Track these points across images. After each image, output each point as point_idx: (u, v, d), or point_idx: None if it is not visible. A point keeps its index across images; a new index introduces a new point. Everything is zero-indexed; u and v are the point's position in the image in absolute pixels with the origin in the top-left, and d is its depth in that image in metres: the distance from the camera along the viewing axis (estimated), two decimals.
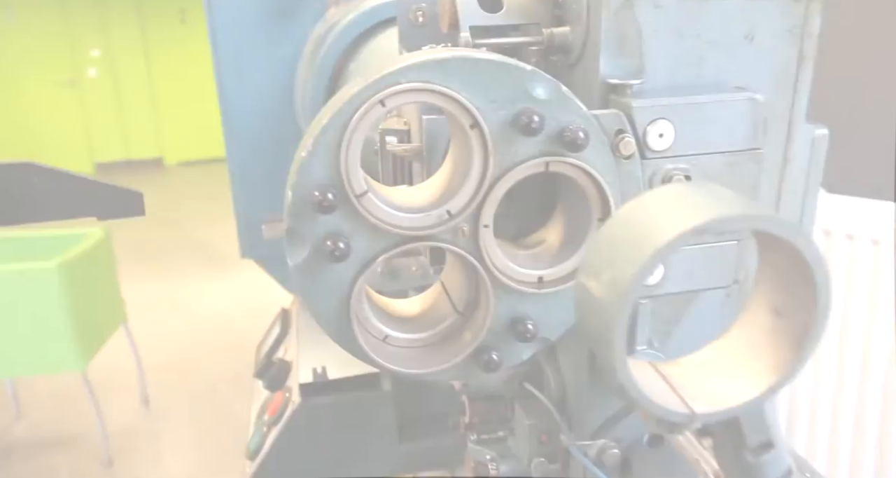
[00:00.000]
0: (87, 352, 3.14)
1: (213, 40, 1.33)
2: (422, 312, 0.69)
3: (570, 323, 0.64)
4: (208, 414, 3.72)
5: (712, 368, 0.44)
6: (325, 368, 1.06)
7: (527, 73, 0.56)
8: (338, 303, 0.59)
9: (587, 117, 0.58)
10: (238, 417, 3.65)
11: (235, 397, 3.84)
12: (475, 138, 0.57)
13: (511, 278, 0.61)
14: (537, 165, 0.58)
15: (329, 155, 0.55)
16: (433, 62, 0.54)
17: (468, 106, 0.55)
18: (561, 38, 0.68)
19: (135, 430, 3.63)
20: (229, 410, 3.73)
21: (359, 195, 0.56)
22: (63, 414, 3.78)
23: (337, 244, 0.55)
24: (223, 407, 3.76)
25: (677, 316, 0.71)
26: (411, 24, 0.88)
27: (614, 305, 0.38)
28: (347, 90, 0.56)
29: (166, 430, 3.59)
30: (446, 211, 0.58)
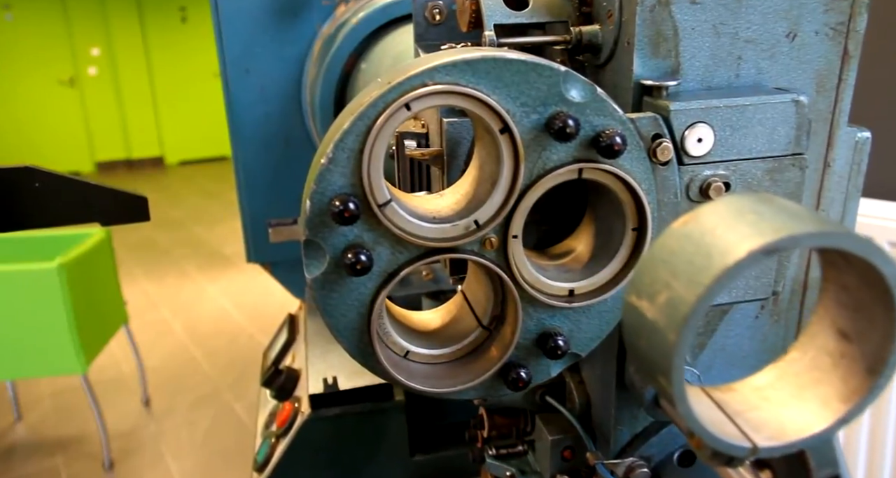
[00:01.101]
0: (88, 354, 3.10)
1: (219, 40, 1.29)
2: (443, 325, 0.65)
3: (602, 338, 0.61)
4: (210, 416, 3.69)
5: (771, 394, 0.41)
6: (335, 378, 1.02)
7: (561, 74, 0.53)
8: (358, 318, 0.56)
9: (624, 121, 0.55)
10: (240, 418, 3.62)
11: (237, 398, 3.82)
12: (505, 144, 0.53)
13: (541, 292, 0.58)
14: (570, 172, 0.55)
15: (350, 162, 0.52)
16: (462, 62, 0.51)
17: (499, 109, 0.52)
18: (590, 37, 0.65)
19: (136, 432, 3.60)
20: (231, 411, 3.70)
21: (381, 205, 0.53)
22: (63, 416, 3.74)
23: (358, 257, 0.52)
24: (225, 409, 3.74)
25: (710, 328, 0.68)
26: (427, 22, 0.85)
27: (673, 331, 0.34)
28: (369, 92, 0.52)
29: (168, 432, 3.56)
30: (474, 221, 0.55)
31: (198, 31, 8.96)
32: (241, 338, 4.57)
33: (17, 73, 8.47)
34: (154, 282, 5.48)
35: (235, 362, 4.26)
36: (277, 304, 4.74)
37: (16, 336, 3.05)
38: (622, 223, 0.59)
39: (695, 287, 0.34)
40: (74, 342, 3.02)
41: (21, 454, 3.48)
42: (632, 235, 0.58)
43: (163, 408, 3.79)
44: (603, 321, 0.60)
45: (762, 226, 0.34)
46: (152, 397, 3.87)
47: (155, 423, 3.68)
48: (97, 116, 8.91)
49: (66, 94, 8.73)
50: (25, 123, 8.61)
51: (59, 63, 8.62)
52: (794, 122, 0.58)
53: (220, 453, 3.41)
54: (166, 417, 3.70)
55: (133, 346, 3.67)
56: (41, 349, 3.08)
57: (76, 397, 3.79)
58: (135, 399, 3.85)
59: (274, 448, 1.04)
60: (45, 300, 2.96)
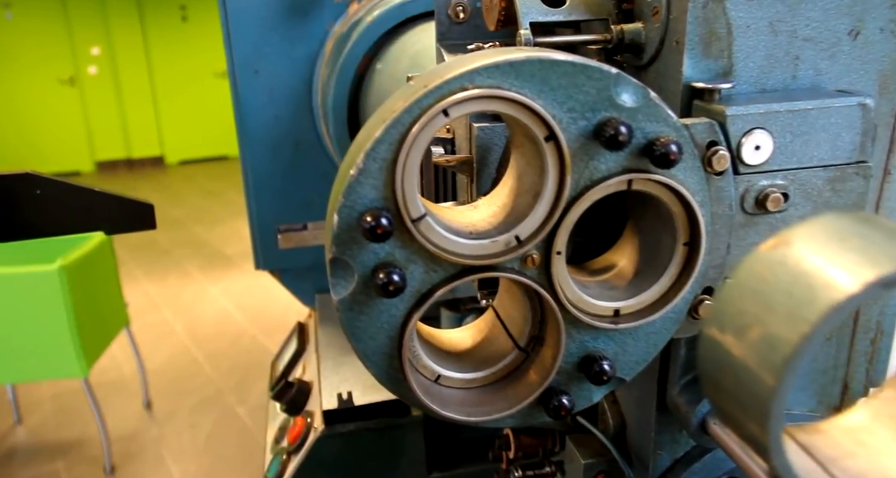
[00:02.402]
0: (89, 357, 3.06)
1: (227, 40, 1.25)
2: (475, 345, 0.61)
3: (649, 361, 0.57)
4: (212, 419, 3.64)
5: (867, 438, 0.36)
6: (350, 393, 0.98)
7: (612, 76, 0.48)
8: (387, 342, 0.51)
9: (678, 128, 0.50)
10: (243, 422, 3.58)
11: (240, 401, 3.78)
12: (550, 153, 0.49)
13: (584, 312, 0.54)
14: (619, 184, 0.51)
15: (382, 173, 0.47)
16: (506, 64, 0.46)
17: (545, 116, 0.47)
18: (632, 36, 0.60)
19: (137, 435, 3.55)
20: (234, 415, 3.65)
21: (416, 220, 0.48)
22: (64, 419, 3.70)
23: (390, 277, 0.47)
24: (228, 412, 3.69)
25: None
26: (450, 20, 0.81)
27: (771, 374, 0.30)
28: (402, 97, 0.48)
29: (170, 435, 3.51)
30: (514, 237, 0.50)
31: (198, 30, 8.90)
32: (244, 340, 4.52)
33: (17, 72, 8.42)
34: (155, 283, 5.43)
35: (238, 365, 4.21)
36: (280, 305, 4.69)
37: (16, 339, 3.00)
38: (671, 237, 0.54)
39: (797, 324, 0.29)
40: (75, 345, 2.98)
41: (21, 458, 3.44)
42: (682, 250, 0.54)
43: (164, 411, 3.75)
44: (650, 343, 0.55)
45: (873, 253, 0.30)
46: (154, 399, 3.83)
47: (156, 426, 3.63)
48: (97, 116, 8.85)
49: (66, 94, 8.67)
50: (25, 122, 8.55)
51: (59, 62, 8.57)
52: (860, 127, 0.54)
53: (222, 457, 3.37)
54: (168, 420, 3.66)
55: (134, 348, 3.63)
56: (42, 352, 3.04)
57: (77, 400, 3.75)
58: (136, 402, 3.81)
59: (286, 465, 1.00)
60: (45, 303, 2.92)
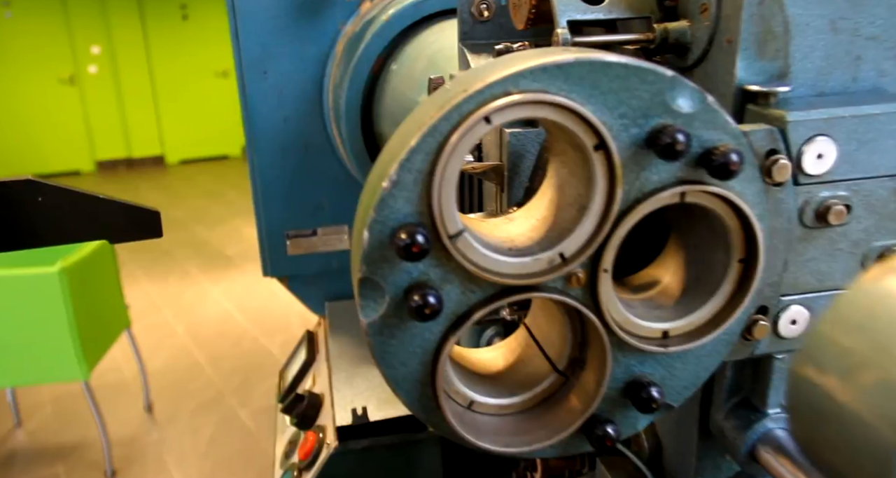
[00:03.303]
0: (90, 360, 3.02)
1: (235, 39, 1.20)
2: (509, 367, 0.57)
3: (699, 386, 0.53)
4: (214, 422, 3.61)
5: None
6: (365, 408, 0.94)
7: (667, 79, 0.44)
8: (420, 368, 0.47)
9: (737, 135, 0.46)
10: (245, 425, 3.54)
11: (242, 404, 3.74)
12: (599, 163, 0.45)
13: (631, 334, 0.49)
14: (672, 196, 0.46)
15: (417, 186, 0.43)
16: (553, 66, 0.42)
17: (595, 123, 0.43)
18: (676, 35, 0.56)
19: (138, 439, 3.52)
20: (236, 417, 3.62)
21: (453, 236, 0.44)
22: (64, 422, 3.66)
23: (426, 299, 0.43)
24: (229, 415, 3.65)
25: None
26: (474, 19, 0.77)
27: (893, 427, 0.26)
28: (439, 103, 0.43)
29: (171, 439, 3.48)
30: (559, 254, 0.46)
31: (199, 29, 8.86)
32: (245, 341, 4.49)
33: (17, 71, 8.37)
34: (156, 283, 5.39)
35: (239, 366, 4.18)
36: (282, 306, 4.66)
37: (16, 342, 2.97)
38: (724, 253, 0.50)
39: None
40: (76, 348, 2.94)
41: (21, 462, 3.40)
42: (737, 267, 0.50)
43: (166, 414, 3.71)
44: (700, 367, 0.51)
45: None
46: (155, 402, 3.79)
47: (157, 430, 3.60)
48: (97, 115, 8.81)
49: (67, 93, 8.63)
50: (25, 122, 8.51)
51: (59, 61, 8.52)
52: None
53: (224, 461, 3.34)
54: (169, 423, 3.62)
55: (135, 350, 3.59)
56: (42, 356, 3.00)
57: (77, 403, 3.71)
58: (137, 405, 3.77)
59: None
60: (45, 306, 2.88)
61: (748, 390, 0.58)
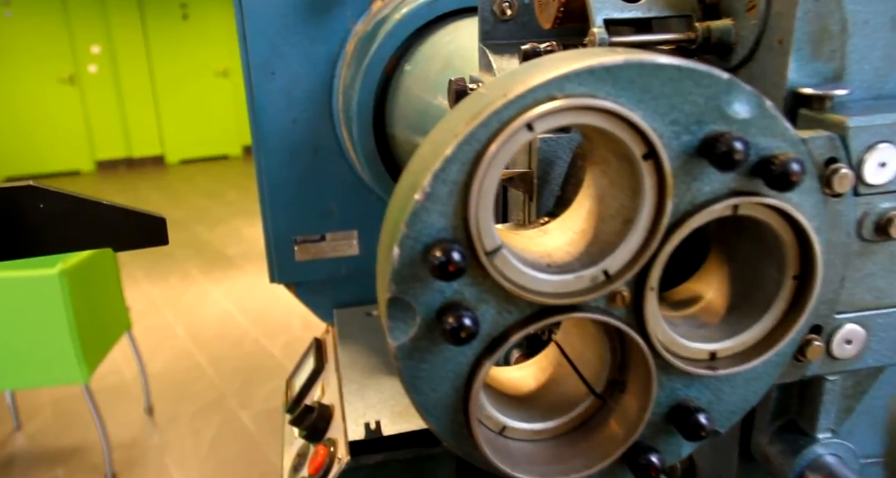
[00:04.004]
0: (90, 363, 2.99)
1: (243, 39, 1.16)
2: (540, 388, 0.53)
3: (747, 410, 0.49)
4: (215, 425, 3.58)
5: None
6: (378, 422, 0.90)
7: (723, 83, 0.41)
8: (452, 394, 0.44)
9: (796, 143, 0.43)
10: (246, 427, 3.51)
11: (243, 406, 3.72)
12: (648, 173, 0.41)
13: (677, 355, 0.46)
14: (724, 209, 0.43)
15: (452, 198, 0.39)
16: (601, 69, 0.39)
17: (646, 130, 0.40)
18: (720, 35, 0.53)
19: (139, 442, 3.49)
20: (237, 420, 3.59)
21: (490, 252, 0.41)
22: (64, 425, 3.63)
23: (461, 321, 0.40)
24: (231, 417, 3.63)
25: (860, 390, 0.56)
26: (495, 17, 0.73)
27: None
28: (474, 108, 0.40)
29: (172, 442, 3.45)
30: (602, 271, 0.43)
31: (199, 29, 8.84)
32: (246, 342, 4.46)
33: (17, 71, 8.34)
34: (156, 284, 5.36)
35: (241, 368, 4.16)
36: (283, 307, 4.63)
37: (16, 345, 2.94)
38: (776, 268, 0.47)
39: None
40: (76, 351, 2.92)
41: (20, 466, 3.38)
42: (791, 284, 0.46)
43: (166, 416, 3.68)
44: (749, 391, 0.48)
45: None
46: (155, 404, 3.76)
47: (158, 432, 3.57)
48: (97, 115, 8.78)
49: (66, 93, 8.60)
50: (25, 121, 8.48)
51: (59, 61, 8.49)
52: None
53: (226, 464, 3.31)
54: (170, 426, 3.59)
55: (135, 351, 3.56)
56: (42, 358, 2.98)
57: (77, 405, 3.69)
58: (137, 407, 3.74)
59: None
60: (45, 308, 2.86)
61: (795, 412, 0.55)
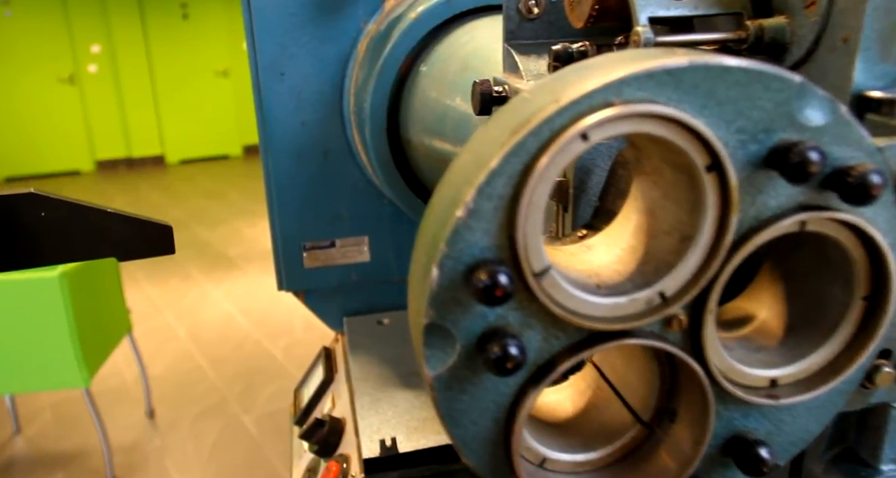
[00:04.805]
0: (91, 367, 2.96)
1: (251, 39, 1.12)
2: (579, 414, 0.50)
3: (809, 441, 0.45)
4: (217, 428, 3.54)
5: None
6: (394, 439, 0.86)
7: (795, 87, 0.37)
8: (492, 427, 0.40)
9: (873, 152, 0.39)
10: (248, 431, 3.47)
11: (245, 410, 3.68)
12: (711, 186, 0.37)
13: (735, 383, 0.42)
14: (791, 225, 0.39)
15: (498, 215, 0.36)
16: (662, 72, 0.35)
17: (711, 139, 0.36)
18: (773, 33, 0.49)
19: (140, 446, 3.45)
20: (239, 424, 3.56)
21: (539, 274, 0.37)
22: (64, 428, 3.60)
23: (506, 350, 0.36)
24: (233, 421, 3.59)
25: None
26: (521, 16, 0.69)
27: None
28: (519, 115, 0.36)
29: (173, 446, 3.41)
30: (658, 294, 0.39)
31: (199, 29, 8.79)
32: (248, 344, 4.43)
33: (17, 70, 8.30)
34: (157, 285, 5.33)
35: (242, 371, 4.12)
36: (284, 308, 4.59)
37: (16, 348, 2.91)
38: (842, 288, 0.43)
39: None
40: (77, 354, 2.88)
41: (20, 470, 3.34)
42: (860, 305, 0.42)
43: (168, 420, 3.64)
44: (812, 420, 0.44)
45: None
46: (156, 407, 3.73)
47: (160, 436, 3.53)
48: (97, 115, 8.74)
49: (66, 92, 8.55)
50: (25, 121, 8.43)
51: (59, 60, 8.44)
52: None
53: (228, 469, 3.27)
54: (171, 429, 3.55)
55: (136, 354, 3.52)
56: (42, 362, 2.95)
57: (77, 408, 3.65)
58: (138, 410, 3.71)
59: None
60: (46, 311, 2.83)
61: (853, 440, 0.51)
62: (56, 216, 0.73)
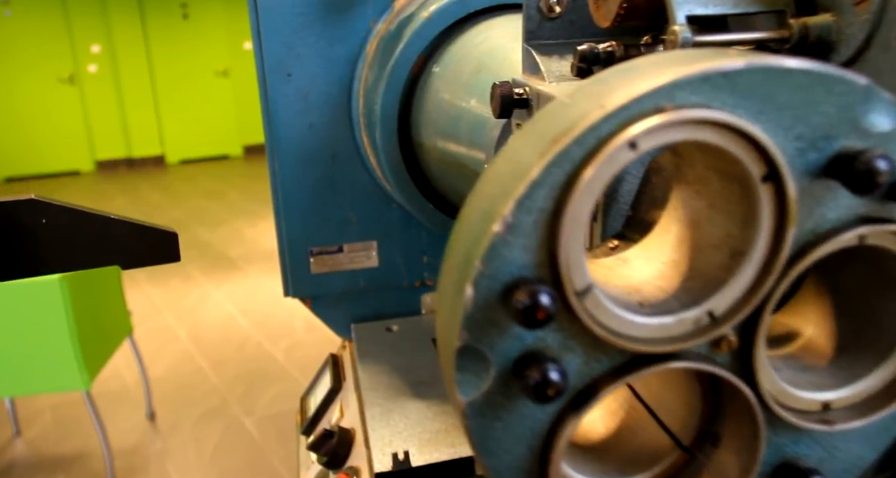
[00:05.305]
0: (91, 370, 2.94)
1: (257, 39, 1.09)
2: (612, 436, 0.47)
3: (865, 468, 0.42)
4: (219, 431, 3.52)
5: None
6: (407, 453, 0.83)
7: (860, 89, 0.34)
8: (528, 455, 0.37)
9: None
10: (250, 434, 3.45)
11: (247, 412, 3.66)
12: (766, 197, 0.35)
13: (786, 407, 0.39)
14: (850, 239, 0.37)
15: (538, 230, 0.33)
16: (717, 75, 0.32)
17: (770, 147, 0.33)
18: (819, 32, 0.46)
19: (141, 449, 3.43)
20: (241, 426, 3.53)
21: (581, 292, 0.34)
22: (64, 431, 3.58)
23: (547, 375, 0.33)
24: (234, 423, 3.57)
25: None
26: (542, 15, 0.66)
27: None
28: (562, 121, 0.33)
29: (174, 449, 3.39)
30: (707, 313, 0.36)
31: (199, 28, 8.77)
32: (249, 346, 4.41)
33: (16, 70, 8.27)
34: (157, 286, 5.30)
35: (243, 373, 4.10)
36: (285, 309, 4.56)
37: (16, 351, 2.89)
38: None
39: None
40: (77, 357, 2.87)
41: (20, 473, 3.32)
42: None
43: (169, 423, 3.62)
44: (867, 446, 0.41)
45: None
46: (157, 410, 3.71)
47: (160, 439, 3.51)
48: (97, 115, 8.71)
49: (66, 92, 8.53)
50: (24, 121, 8.41)
51: (59, 60, 8.42)
52: None
53: (230, 472, 3.25)
54: (172, 432, 3.53)
55: (137, 356, 3.50)
56: (42, 365, 2.93)
57: (78, 411, 3.63)
58: (139, 413, 3.69)
59: None
60: (46, 314, 2.81)
61: None
62: (57, 223, 0.71)
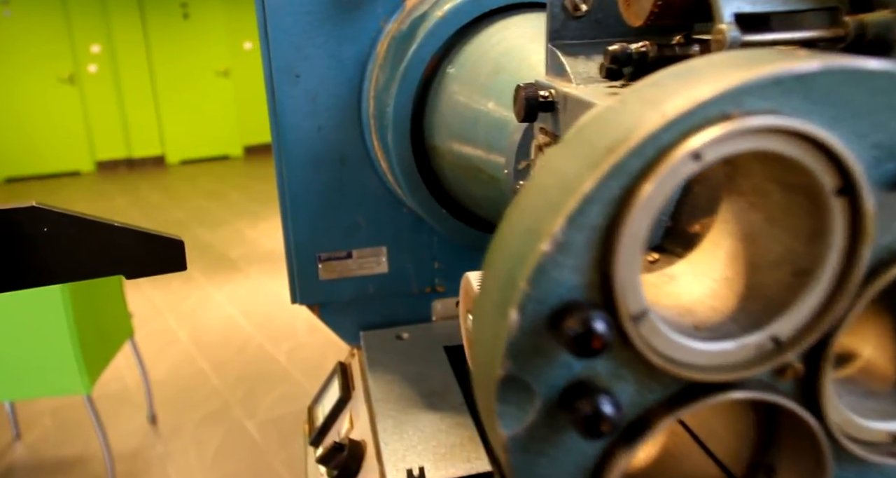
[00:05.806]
0: (92, 373, 2.91)
1: (264, 39, 1.06)
2: (654, 464, 0.44)
3: None
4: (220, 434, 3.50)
5: None
6: (422, 469, 0.80)
7: None
8: None
9: None
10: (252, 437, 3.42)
11: (248, 415, 3.64)
12: (839, 212, 0.31)
13: (853, 439, 0.36)
14: None
15: (590, 249, 0.30)
16: (790, 78, 0.29)
17: (847, 158, 0.30)
18: (876, 30, 0.43)
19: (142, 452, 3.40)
20: (242, 429, 3.51)
21: (637, 317, 0.31)
22: (65, 434, 3.55)
23: (599, 409, 0.30)
24: (236, 426, 3.54)
25: None
26: (567, 14, 0.63)
27: None
28: (616, 129, 0.30)
29: (176, 452, 3.36)
30: (770, 338, 0.33)
31: (200, 28, 8.75)
32: (250, 348, 4.38)
33: (16, 70, 8.25)
34: (158, 287, 5.27)
35: (245, 374, 4.08)
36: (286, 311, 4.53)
37: (16, 355, 2.88)
38: None
39: None
40: (78, 361, 2.85)
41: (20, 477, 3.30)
42: None
43: (170, 426, 3.60)
44: None
45: None
46: (158, 413, 3.68)
47: (162, 442, 3.48)
48: (97, 115, 8.69)
49: (66, 93, 8.50)
50: (24, 121, 8.39)
51: (59, 60, 8.40)
52: None
53: (232, 475, 3.23)
54: (174, 436, 3.51)
55: (138, 358, 3.47)
56: (43, 369, 2.91)
57: (78, 414, 3.61)
58: (140, 416, 3.66)
59: None
60: (46, 316, 2.80)
61: None
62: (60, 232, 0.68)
